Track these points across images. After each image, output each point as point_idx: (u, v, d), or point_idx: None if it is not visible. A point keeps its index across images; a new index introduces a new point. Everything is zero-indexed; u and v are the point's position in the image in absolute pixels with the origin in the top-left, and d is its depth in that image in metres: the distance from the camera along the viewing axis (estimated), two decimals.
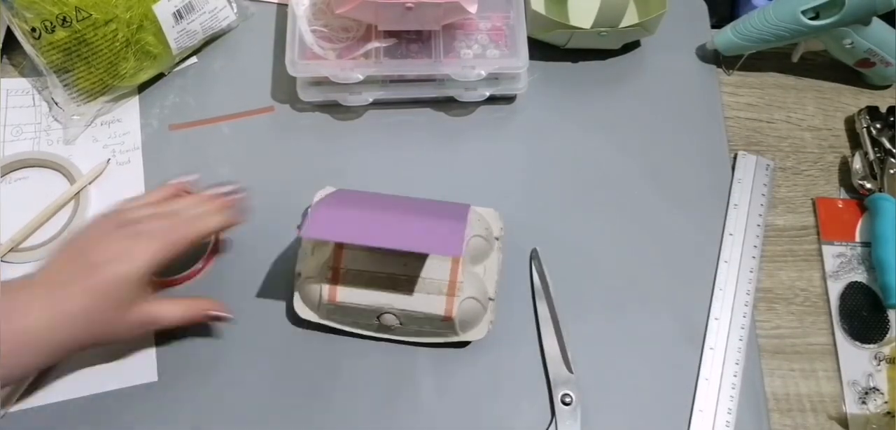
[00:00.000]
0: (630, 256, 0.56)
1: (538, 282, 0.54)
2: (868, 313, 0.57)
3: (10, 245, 0.52)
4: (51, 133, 0.57)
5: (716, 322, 0.54)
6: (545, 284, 0.54)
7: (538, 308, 0.53)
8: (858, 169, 0.60)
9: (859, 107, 0.63)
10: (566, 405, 0.50)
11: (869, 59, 0.63)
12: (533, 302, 0.54)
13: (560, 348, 0.52)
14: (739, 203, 0.59)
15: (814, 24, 0.59)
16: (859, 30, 0.60)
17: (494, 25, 0.60)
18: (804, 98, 0.65)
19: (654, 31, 0.62)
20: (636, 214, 0.58)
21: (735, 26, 0.62)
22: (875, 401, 0.54)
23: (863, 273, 0.58)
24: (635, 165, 0.60)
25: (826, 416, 0.54)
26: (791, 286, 0.58)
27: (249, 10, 0.62)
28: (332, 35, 0.58)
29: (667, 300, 0.55)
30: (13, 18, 0.52)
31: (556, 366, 0.52)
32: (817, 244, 0.59)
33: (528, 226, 0.56)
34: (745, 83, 0.65)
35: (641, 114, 0.62)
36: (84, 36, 0.52)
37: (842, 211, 0.61)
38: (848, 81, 0.66)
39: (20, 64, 0.59)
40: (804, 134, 0.64)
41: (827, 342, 0.56)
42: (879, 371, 0.55)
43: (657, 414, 0.52)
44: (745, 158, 0.61)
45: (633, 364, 0.53)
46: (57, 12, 0.51)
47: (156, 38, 0.56)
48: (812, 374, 0.55)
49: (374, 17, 0.57)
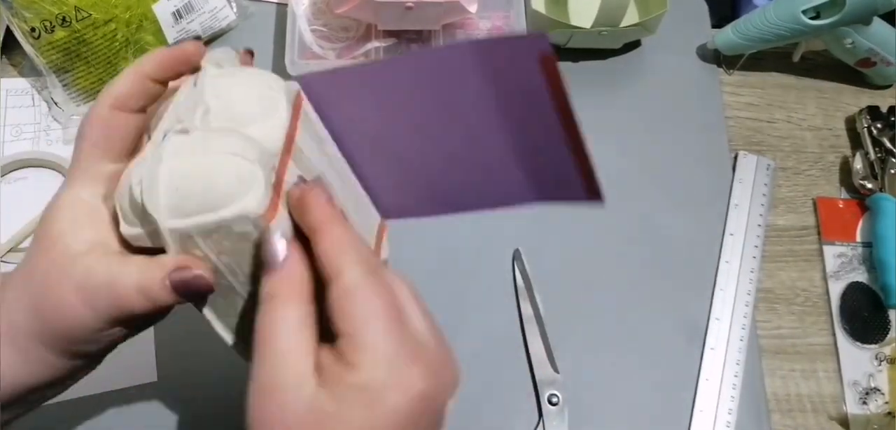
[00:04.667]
0: (630, 255, 0.56)
1: (521, 283, 0.54)
2: (869, 313, 0.57)
3: (9, 245, 0.52)
4: (50, 133, 0.57)
5: (716, 322, 0.54)
6: (528, 284, 0.53)
7: (522, 309, 0.53)
8: (859, 169, 0.60)
9: (860, 107, 0.63)
10: (553, 406, 0.50)
11: (870, 59, 0.63)
12: (516, 303, 0.54)
13: (545, 349, 0.52)
14: (740, 203, 0.59)
15: (814, 24, 0.59)
16: (860, 29, 0.60)
17: (495, 25, 0.60)
18: (805, 98, 0.65)
19: (654, 30, 0.62)
20: (636, 213, 0.58)
21: (736, 26, 0.62)
22: (876, 401, 0.54)
23: (864, 273, 0.58)
24: (635, 165, 0.60)
25: (827, 416, 0.53)
26: (792, 287, 0.57)
27: (249, 9, 0.62)
28: (331, 35, 0.58)
29: (667, 301, 0.55)
30: (12, 18, 0.52)
31: (542, 367, 0.52)
32: (818, 244, 0.59)
33: (527, 225, 0.56)
34: (746, 83, 0.65)
35: (642, 114, 0.62)
36: (83, 36, 0.52)
37: (843, 211, 0.61)
38: (849, 81, 0.66)
39: (19, 64, 0.58)
40: (805, 134, 0.64)
41: (828, 343, 0.56)
42: (880, 372, 0.55)
43: (658, 415, 0.52)
44: (745, 158, 0.61)
45: (634, 365, 0.53)
46: (56, 12, 0.51)
47: (155, 37, 0.56)
48: (813, 374, 0.55)
49: (374, 17, 0.56)
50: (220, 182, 0.27)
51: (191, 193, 0.27)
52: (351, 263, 0.27)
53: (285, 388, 0.25)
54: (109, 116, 0.31)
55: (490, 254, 0.55)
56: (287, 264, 0.27)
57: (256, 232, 0.28)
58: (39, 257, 0.30)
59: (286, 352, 0.26)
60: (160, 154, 0.28)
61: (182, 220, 0.27)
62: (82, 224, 0.30)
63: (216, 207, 0.27)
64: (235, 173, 0.27)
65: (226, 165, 0.28)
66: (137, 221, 0.29)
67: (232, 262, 0.29)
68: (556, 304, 0.53)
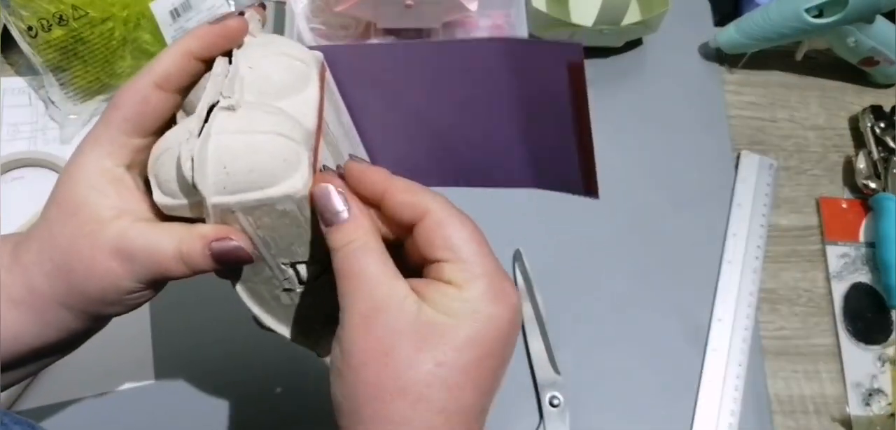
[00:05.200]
0: (631, 256, 0.56)
1: (522, 283, 0.54)
2: (872, 314, 0.56)
3: None
4: (47, 132, 0.56)
5: (719, 323, 0.54)
6: (529, 285, 0.53)
7: (523, 309, 0.53)
8: (862, 169, 0.60)
9: (863, 106, 0.62)
10: (554, 407, 0.50)
11: (873, 58, 0.62)
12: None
13: (546, 350, 0.52)
14: (743, 203, 0.58)
15: (817, 23, 0.59)
16: (863, 28, 0.60)
17: (495, 23, 0.60)
18: (808, 97, 0.65)
19: (656, 28, 0.62)
20: (637, 213, 0.58)
21: (738, 24, 0.62)
22: (879, 403, 0.54)
23: (867, 274, 0.58)
24: (637, 165, 0.59)
25: (829, 418, 0.53)
26: (794, 287, 0.57)
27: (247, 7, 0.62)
28: (330, 32, 0.58)
29: (669, 301, 0.55)
30: (9, 17, 0.52)
31: (543, 368, 0.51)
32: (821, 245, 0.59)
33: (528, 226, 0.55)
34: (749, 82, 0.65)
35: (643, 113, 0.62)
36: (80, 34, 0.52)
37: (846, 211, 0.60)
38: (852, 80, 0.66)
39: (16, 63, 0.58)
40: (808, 133, 0.63)
41: (830, 344, 0.55)
42: (883, 373, 0.55)
43: (660, 417, 0.51)
44: (748, 158, 0.60)
45: (636, 366, 0.53)
46: (53, 11, 0.51)
47: (153, 36, 0.55)
48: (815, 375, 0.54)
49: (373, 15, 0.56)
50: (267, 162, 0.28)
51: (238, 172, 0.28)
52: (433, 199, 0.29)
53: (388, 308, 0.26)
54: (149, 93, 0.31)
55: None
56: (353, 213, 0.28)
57: (297, 209, 0.29)
58: (63, 223, 0.31)
59: (380, 277, 0.27)
60: (208, 131, 0.29)
61: (228, 197, 0.29)
62: (107, 192, 0.31)
63: (262, 185, 0.28)
64: (282, 154, 0.29)
65: (273, 145, 0.29)
66: (179, 192, 0.30)
67: (267, 236, 0.30)
68: (558, 304, 0.53)
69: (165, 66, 0.32)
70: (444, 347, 0.26)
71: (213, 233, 0.29)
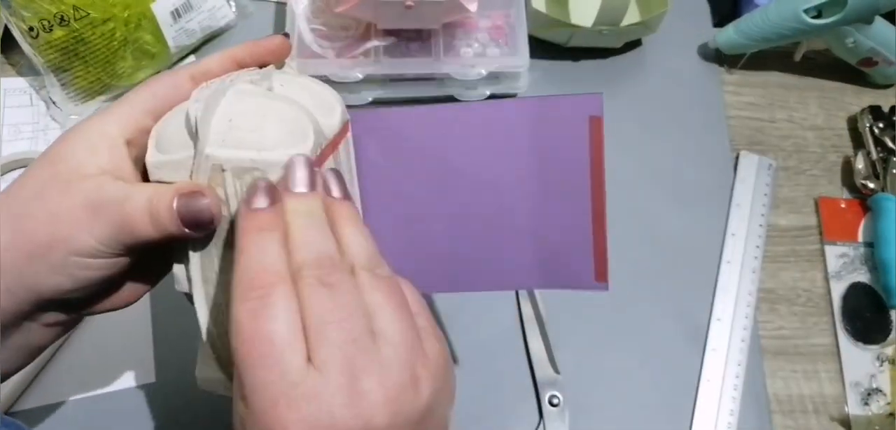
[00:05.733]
0: (630, 256, 0.56)
1: None
2: (871, 313, 0.57)
3: None
4: (48, 133, 0.56)
5: (718, 323, 0.54)
6: None
7: (522, 309, 0.53)
8: (861, 169, 0.60)
9: (862, 106, 0.62)
10: (554, 407, 0.50)
11: (871, 58, 0.62)
12: (517, 303, 0.54)
13: (546, 349, 0.52)
14: (742, 203, 0.59)
15: (816, 23, 0.59)
16: (862, 28, 0.60)
17: (495, 24, 0.60)
18: (806, 97, 0.65)
19: (655, 29, 0.62)
20: (637, 213, 0.58)
21: (737, 25, 0.62)
22: (878, 402, 0.54)
23: (865, 274, 0.58)
24: (636, 165, 0.59)
25: (828, 417, 0.53)
26: (793, 287, 0.57)
27: (248, 8, 0.62)
28: (331, 33, 0.58)
29: (668, 301, 0.55)
30: (11, 17, 0.52)
31: (543, 367, 0.51)
32: (820, 245, 0.59)
33: None
34: (748, 82, 0.65)
35: (642, 113, 0.62)
36: (82, 35, 0.52)
37: (844, 211, 0.60)
38: (851, 81, 0.66)
39: (17, 63, 0.58)
40: (806, 133, 0.64)
41: (829, 343, 0.56)
42: (882, 372, 0.55)
43: (659, 416, 0.51)
44: (747, 158, 0.60)
45: (635, 366, 0.53)
46: (55, 11, 0.51)
47: (154, 36, 0.55)
48: (814, 375, 0.54)
49: (374, 16, 0.56)
50: (273, 128, 0.28)
51: (241, 128, 0.28)
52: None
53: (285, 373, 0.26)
54: (183, 82, 0.32)
55: None
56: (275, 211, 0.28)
57: None
58: (39, 170, 0.30)
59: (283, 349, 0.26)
60: (225, 88, 0.29)
61: (224, 149, 0.28)
62: (100, 151, 0.30)
63: (261, 147, 0.28)
64: (290, 126, 0.29)
65: (283, 112, 0.29)
66: (176, 146, 0.30)
67: None
68: (557, 304, 0.53)
69: (207, 64, 0.33)
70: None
71: (187, 187, 0.29)
